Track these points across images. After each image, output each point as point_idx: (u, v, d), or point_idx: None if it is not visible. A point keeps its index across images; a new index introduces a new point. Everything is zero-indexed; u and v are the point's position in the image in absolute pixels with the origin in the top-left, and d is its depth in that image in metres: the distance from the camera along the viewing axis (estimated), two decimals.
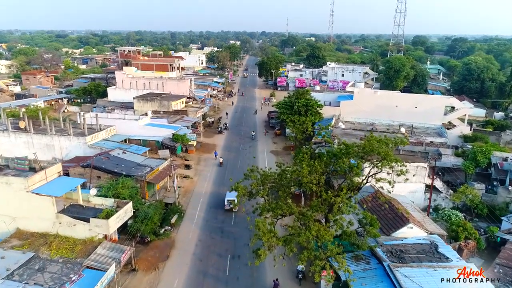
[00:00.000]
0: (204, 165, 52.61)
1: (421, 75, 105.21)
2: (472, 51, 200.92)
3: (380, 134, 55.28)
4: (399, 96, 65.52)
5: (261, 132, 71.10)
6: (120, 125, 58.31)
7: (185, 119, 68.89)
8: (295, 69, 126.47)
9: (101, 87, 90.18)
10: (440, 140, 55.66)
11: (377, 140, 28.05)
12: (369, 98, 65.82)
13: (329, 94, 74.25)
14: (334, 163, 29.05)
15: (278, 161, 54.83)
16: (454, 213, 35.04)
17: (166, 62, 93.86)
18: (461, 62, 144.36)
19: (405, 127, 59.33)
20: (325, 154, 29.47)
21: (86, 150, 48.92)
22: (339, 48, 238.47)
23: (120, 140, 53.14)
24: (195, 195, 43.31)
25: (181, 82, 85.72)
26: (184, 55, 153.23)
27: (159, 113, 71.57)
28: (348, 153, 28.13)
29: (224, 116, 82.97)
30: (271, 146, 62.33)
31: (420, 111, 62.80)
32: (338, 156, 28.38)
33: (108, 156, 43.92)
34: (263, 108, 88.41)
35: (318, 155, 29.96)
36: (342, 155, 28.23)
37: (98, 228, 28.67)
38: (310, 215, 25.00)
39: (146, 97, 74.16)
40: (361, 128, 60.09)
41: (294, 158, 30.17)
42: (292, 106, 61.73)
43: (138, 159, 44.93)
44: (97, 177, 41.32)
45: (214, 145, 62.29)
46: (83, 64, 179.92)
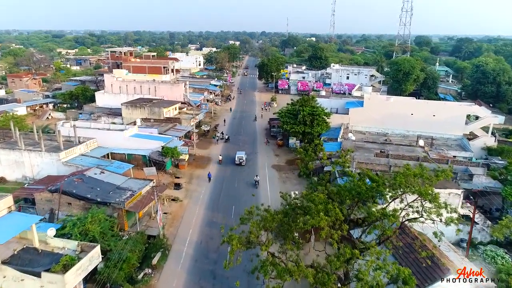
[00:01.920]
0: (196, 184, 46.07)
1: (432, 78, 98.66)
2: (479, 51, 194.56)
3: (396, 148, 49.14)
4: (415, 103, 59.07)
5: (261, 141, 64.60)
6: (103, 136, 51.91)
7: (178, 127, 62.48)
8: (297, 71, 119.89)
9: (89, 91, 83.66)
10: (464, 154, 49.22)
11: (414, 174, 21.49)
12: (381, 105, 59.38)
13: (336, 100, 67.80)
14: (358, 204, 22.59)
15: (281, 177, 48.53)
16: (499, 254, 28.55)
17: (159, 64, 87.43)
18: (470, 64, 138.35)
19: (423, 138, 52.84)
20: (346, 190, 22.90)
21: (60, 168, 42.46)
22: (341, 49, 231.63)
23: (101, 155, 46.69)
24: (184, 223, 36.81)
25: (175, 86, 79.29)
26: (180, 56, 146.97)
27: (149, 121, 65.16)
28: (377, 192, 21.68)
29: (222, 123, 76.40)
30: (273, 159, 55.82)
31: (438, 120, 56.41)
32: (363, 194, 21.88)
33: (82, 177, 37.46)
34: (263, 115, 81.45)
35: (336, 191, 23.42)
36: (368, 195, 21.78)
37: (52, 285, 22.22)
38: (329, 279, 18.52)
39: (136, 103, 67.68)
40: (374, 140, 53.63)
41: (305, 196, 23.55)
42: (296, 114, 55.28)
43: (118, 180, 38.50)
44: (67, 204, 34.92)
45: (208, 158, 55.77)
46: (77, 65, 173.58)
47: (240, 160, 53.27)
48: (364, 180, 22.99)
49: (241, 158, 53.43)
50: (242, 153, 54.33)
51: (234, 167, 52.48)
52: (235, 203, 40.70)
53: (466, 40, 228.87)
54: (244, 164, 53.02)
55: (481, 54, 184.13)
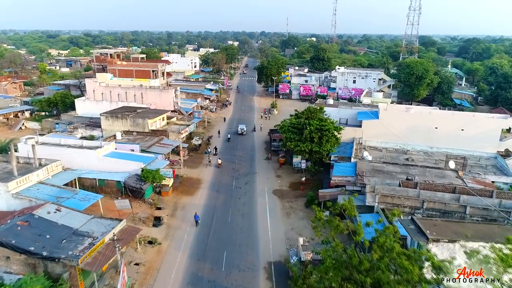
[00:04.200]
0: (181, 219, 37.61)
1: (447, 82, 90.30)
2: (487, 52, 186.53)
3: (422, 172, 40.87)
4: (440, 115, 50.72)
5: (260, 157, 56.31)
6: (73, 156, 43.63)
7: (164, 142, 54.17)
8: (299, 74, 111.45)
9: (69, 97, 75.18)
10: (505, 179, 40.92)
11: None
12: (400, 117, 51.10)
13: (346, 109, 59.39)
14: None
15: (284, 207, 40.20)
16: None
17: (147, 68, 79.04)
18: (483, 66, 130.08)
19: (451, 156, 44.49)
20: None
21: (10, 202, 34.07)
22: (343, 49, 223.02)
23: (65, 182, 38.35)
24: (160, 280, 28.41)
25: (164, 92, 70.98)
26: (175, 58, 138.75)
27: (132, 134, 56.90)
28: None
29: (216, 135, 67.94)
30: (274, 181, 47.44)
31: (468, 135, 48.16)
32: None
33: (30, 219, 29.13)
34: (262, 126, 72.51)
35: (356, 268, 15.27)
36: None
37: None
38: None
39: (117, 113, 59.28)
40: (394, 160, 45.31)
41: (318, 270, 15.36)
42: (301, 129, 46.94)
43: (77, 222, 30.15)
44: (6, 258, 26.64)
45: (198, 180, 47.39)
46: (67, 67, 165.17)
47: (242, 131, 68.15)
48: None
49: (243, 129, 68.47)
50: (243, 125, 69.94)
51: (228, 192, 44.15)
52: (227, 247, 32.41)
53: (474, 40, 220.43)
54: (245, 134, 67.60)
55: (490, 55, 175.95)
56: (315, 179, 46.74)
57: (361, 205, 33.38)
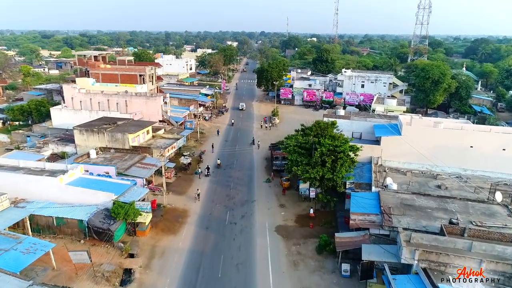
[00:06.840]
0: (159, 269, 29.25)
1: (465, 87, 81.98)
2: (498, 53, 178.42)
3: (463, 206, 32.47)
4: (476, 132, 42.34)
5: (260, 179, 48.00)
6: (30, 184, 35.45)
7: (147, 162, 45.89)
8: (301, 77, 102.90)
9: (45, 105, 66.87)
10: None
11: None
12: (426, 132, 42.71)
13: (360, 121, 50.97)
14: None
15: (290, 253, 31.79)
16: None
17: (134, 72, 70.67)
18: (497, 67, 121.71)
19: (497, 186, 36.15)
20: None
21: None
22: (345, 50, 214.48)
23: (11, 223, 30.04)
24: None
25: (151, 100, 62.74)
26: (169, 60, 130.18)
27: (109, 151, 48.66)
28: None
29: (209, 149, 59.52)
30: (277, 213, 39.04)
31: (510, 155, 39.93)
32: None
33: None
34: (263, 139, 63.61)
35: None
36: None
37: None
38: None
39: (93, 126, 50.94)
40: (424, 188, 36.97)
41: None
42: (309, 149, 38.56)
43: None
44: None
45: (184, 211, 38.98)
46: (57, 69, 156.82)
47: (242, 107, 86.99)
48: None
49: (243, 106, 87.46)
50: (243, 103, 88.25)
51: (220, 229, 35.78)
52: None
53: (482, 40, 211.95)
54: (244, 109, 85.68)
55: (501, 56, 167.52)
56: (327, 211, 38.42)
57: (391, 255, 25.25)
